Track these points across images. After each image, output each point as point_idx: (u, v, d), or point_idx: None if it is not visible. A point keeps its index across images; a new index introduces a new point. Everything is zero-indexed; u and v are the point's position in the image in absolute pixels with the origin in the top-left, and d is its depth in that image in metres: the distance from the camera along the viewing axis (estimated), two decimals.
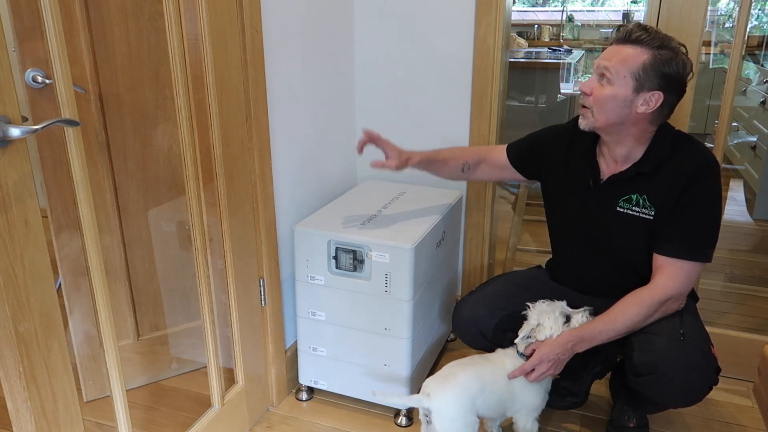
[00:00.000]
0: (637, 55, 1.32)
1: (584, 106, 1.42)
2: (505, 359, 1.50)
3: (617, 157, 1.47)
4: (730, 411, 1.81)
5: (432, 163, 1.71)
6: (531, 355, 1.46)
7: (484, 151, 1.75)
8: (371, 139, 1.60)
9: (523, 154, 1.68)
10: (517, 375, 1.46)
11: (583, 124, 1.43)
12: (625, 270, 1.52)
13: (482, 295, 1.64)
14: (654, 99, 1.34)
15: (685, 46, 1.36)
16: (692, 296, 1.58)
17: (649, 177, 1.42)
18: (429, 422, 1.43)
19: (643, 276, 1.47)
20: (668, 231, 1.41)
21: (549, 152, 1.61)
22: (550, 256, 1.75)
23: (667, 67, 1.31)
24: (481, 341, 1.60)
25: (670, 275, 1.41)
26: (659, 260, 1.43)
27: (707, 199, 1.39)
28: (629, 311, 1.41)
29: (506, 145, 1.71)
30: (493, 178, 1.79)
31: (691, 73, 1.36)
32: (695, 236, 1.40)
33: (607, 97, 1.35)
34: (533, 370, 1.45)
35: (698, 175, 1.38)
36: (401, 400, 1.56)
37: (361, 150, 1.61)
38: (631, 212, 1.46)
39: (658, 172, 1.41)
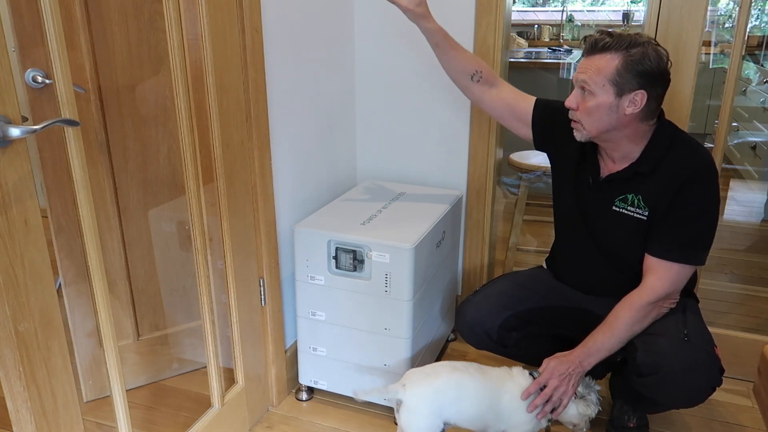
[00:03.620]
0: (608, 62, 1.32)
1: (574, 120, 1.43)
2: (506, 380, 1.45)
3: (615, 157, 1.47)
4: (730, 411, 1.81)
5: (444, 44, 1.58)
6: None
7: (504, 82, 1.65)
8: None
9: (548, 117, 1.60)
10: (532, 391, 1.42)
11: (578, 136, 1.44)
12: (624, 269, 1.52)
13: (486, 296, 1.63)
14: (639, 98, 1.33)
15: (655, 40, 1.35)
16: (693, 297, 1.58)
17: (645, 177, 1.42)
18: (398, 411, 1.41)
19: (638, 274, 1.47)
20: (659, 232, 1.41)
21: (568, 136, 1.53)
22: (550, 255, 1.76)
23: (641, 64, 1.31)
24: (485, 342, 1.60)
25: (659, 276, 1.41)
26: (650, 261, 1.43)
27: (701, 202, 1.39)
28: (622, 316, 1.42)
29: (535, 98, 1.64)
30: (499, 115, 1.65)
31: (669, 62, 1.35)
32: (687, 239, 1.40)
33: (592, 108, 1.36)
34: (544, 387, 1.43)
35: (693, 177, 1.37)
36: (379, 392, 1.48)
37: None
38: (626, 212, 1.46)
39: (654, 171, 1.41)
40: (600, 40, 1.33)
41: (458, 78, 1.64)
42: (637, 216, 1.44)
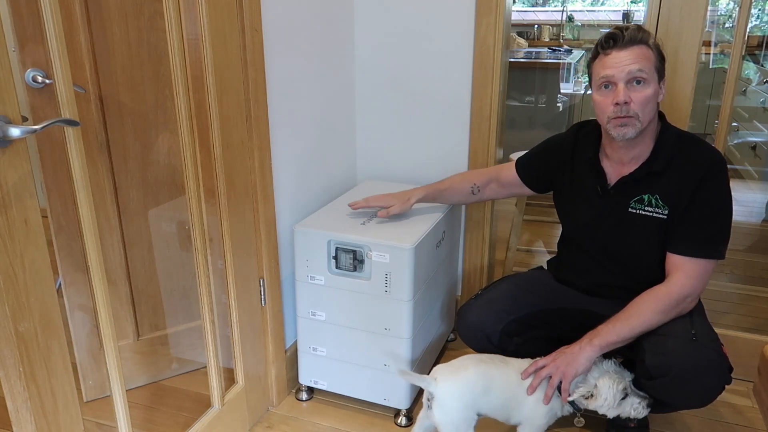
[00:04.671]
0: (647, 51, 1.37)
1: (626, 116, 1.37)
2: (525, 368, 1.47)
3: (626, 159, 1.47)
4: (730, 411, 1.81)
5: (438, 194, 1.76)
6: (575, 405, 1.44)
7: (492, 171, 1.77)
8: (360, 207, 1.73)
9: (531, 169, 1.69)
10: (531, 371, 1.43)
11: (631, 132, 1.38)
12: (634, 272, 1.52)
13: (487, 300, 1.63)
14: (664, 86, 1.41)
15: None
16: None
17: (659, 176, 1.43)
18: (429, 407, 1.43)
19: (650, 278, 1.47)
20: (683, 230, 1.42)
21: (555, 163, 1.62)
22: (551, 255, 1.75)
23: (662, 53, 1.40)
24: (486, 346, 1.60)
25: (687, 273, 1.40)
26: (674, 259, 1.42)
27: (720, 196, 1.40)
28: (645, 308, 1.40)
29: (514, 161, 1.72)
30: (504, 195, 1.79)
31: None
32: (709, 234, 1.40)
33: (650, 96, 1.37)
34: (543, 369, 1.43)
35: (710, 173, 1.39)
36: (415, 379, 1.49)
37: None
38: (643, 212, 1.46)
39: (667, 170, 1.42)
40: (636, 34, 1.36)
41: (465, 201, 1.82)
42: (657, 215, 1.44)
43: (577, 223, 1.60)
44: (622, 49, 1.36)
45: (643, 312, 1.40)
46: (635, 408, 1.40)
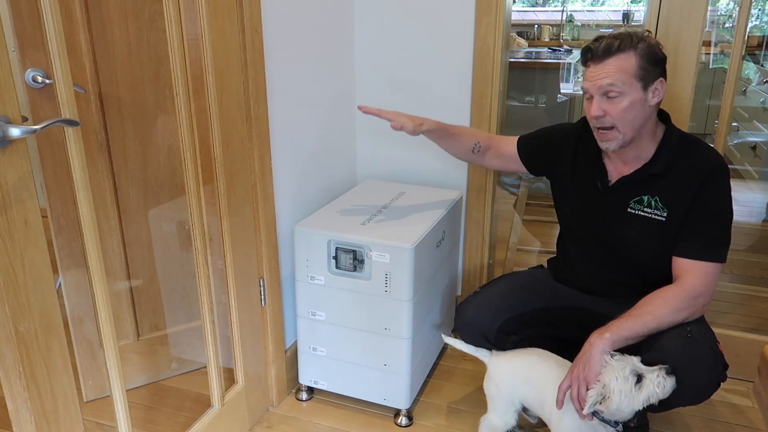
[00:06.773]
0: (627, 60, 1.35)
1: (605, 129, 1.40)
2: None
3: (628, 158, 1.47)
4: (730, 411, 1.81)
5: (445, 134, 1.70)
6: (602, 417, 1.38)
7: (495, 139, 1.76)
8: (370, 113, 1.61)
9: (532, 149, 1.68)
10: (561, 398, 1.37)
11: (612, 145, 1.41)
12: (630, 271, 1.52)
13: (485, 297, 1.63)
14: (659, 86, 1.39)
15: (649, 31, 1.43)
16: None
17: (660, 178, 1.43)
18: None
19: (646, 277, 1.47)
20: (686, 233, 1.42)
21: (558, 152, 1.61)
22: (551, 255, 1.76)
23: (654, 54, 1.37)
24: (483, 344, 1.60)
25: (695, 274, 1.39)
26: (682, 262, 1.42)
27: (720, 200, 1.40)
28: (658, 304, 1.37)
29: (518, 136, 1.71)
30: (497, 166, 1.78)
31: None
32: (711, 237, 1.40)
33: (626, 108, 1.36)
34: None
35: (712, 176, 1.39)
36: (469, 349, 1.60)
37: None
38: (642, 213, 1.46)
39: (668, 172, 1.42)
40: (611, 44, 1.36)
41: (463, 156, 1.77)
42: (656, 217, 1.44)
43: (575, 218, 1.60)
44: (597, 63, 1.37)
45: (656, 308, 1.37)
46: (658, 383, 1.28)
